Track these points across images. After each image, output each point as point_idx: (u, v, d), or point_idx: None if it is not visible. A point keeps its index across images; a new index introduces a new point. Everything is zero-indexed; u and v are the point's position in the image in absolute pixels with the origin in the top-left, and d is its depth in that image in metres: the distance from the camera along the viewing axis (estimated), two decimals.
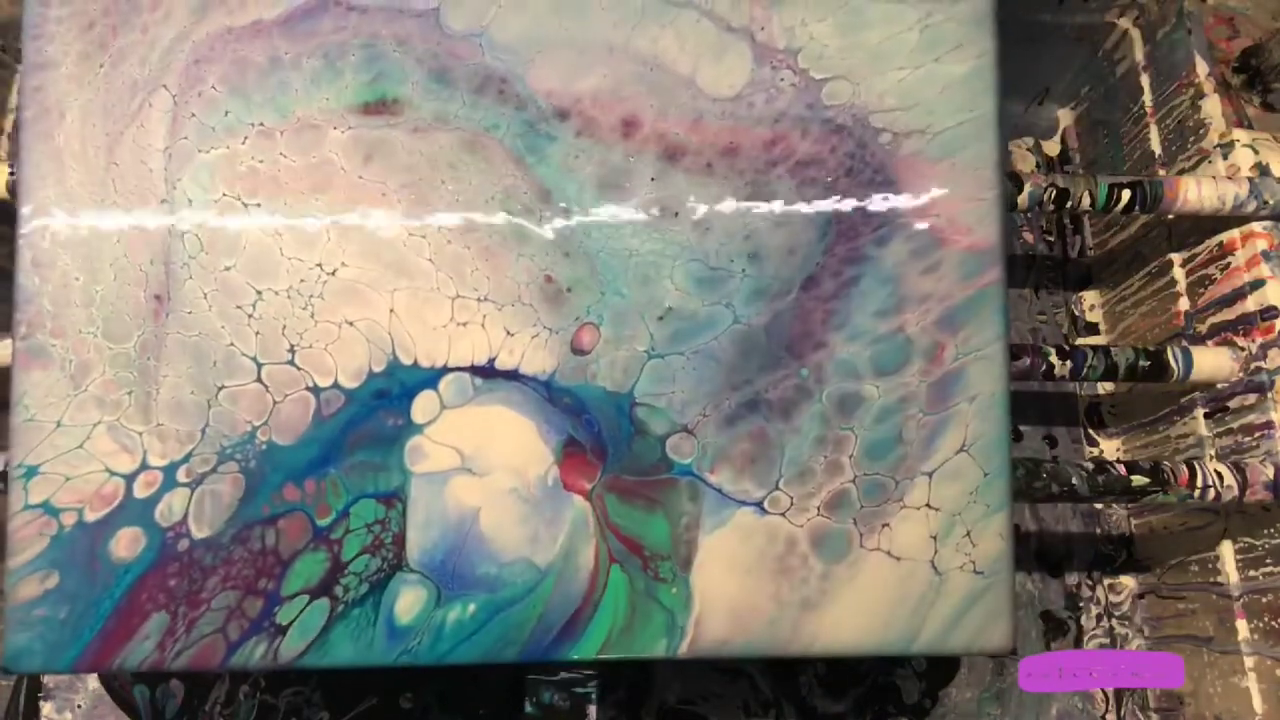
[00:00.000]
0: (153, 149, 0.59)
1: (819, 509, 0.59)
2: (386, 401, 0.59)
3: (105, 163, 0.59)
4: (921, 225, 0.59)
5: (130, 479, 0.58)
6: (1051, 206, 0.72)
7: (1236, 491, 0.63)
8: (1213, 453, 0.77)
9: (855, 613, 0.58)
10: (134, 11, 0.60)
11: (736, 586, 0.58)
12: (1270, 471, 0.65)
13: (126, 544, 0.57)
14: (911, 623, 0.58)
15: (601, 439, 0.59)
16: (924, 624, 0.58)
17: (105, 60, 0.60)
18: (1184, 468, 0.64)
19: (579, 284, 0.60)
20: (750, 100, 0.61)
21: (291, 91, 0.60)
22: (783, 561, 0.58)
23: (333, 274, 0.59)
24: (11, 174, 0.68)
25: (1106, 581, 0.92)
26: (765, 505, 0.59)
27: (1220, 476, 0.63)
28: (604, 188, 0.60)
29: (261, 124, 0.60)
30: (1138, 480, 0.62)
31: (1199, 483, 0.63)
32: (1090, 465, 0.64)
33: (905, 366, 0.59)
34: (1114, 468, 0.64)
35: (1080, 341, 0.98)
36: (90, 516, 0.57)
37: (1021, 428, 0.95)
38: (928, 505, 0.58)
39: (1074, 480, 0.64)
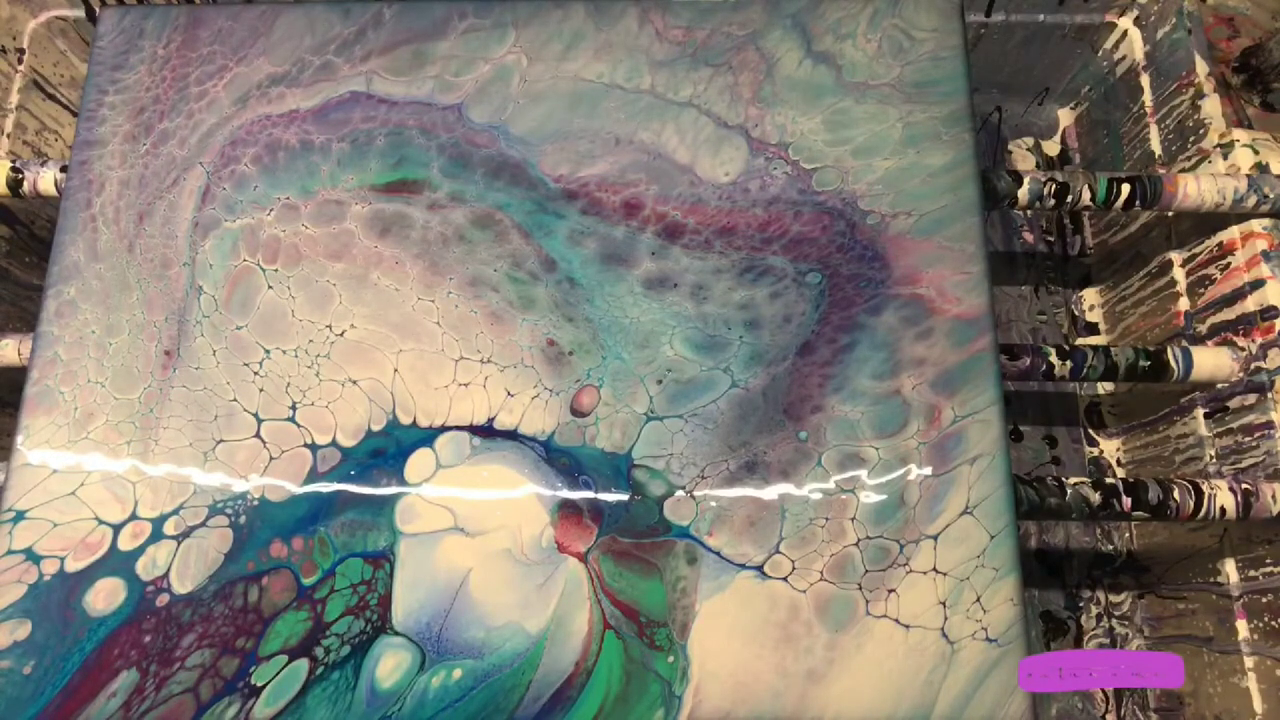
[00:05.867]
0: (181, 218, 0.63)
1: (822, 573, 0.57)
2: (382, 460, 0.59)
3: (135, 229, 0.63)
4: (911, 296, 0.61)
5: (117, 529, 0.57)
6: (1052, 201, 0.72)
7: (1242, 514, 0.61)
8: (1213, 453, 0.75)
9: (865, 684, 0.55)
10: (182, 100, 0.65)
11: (737, 655, 0.55)
12: (1276, 490, 0.63)
13: (104, 596, 0.56)
14: (925, 695, 0.54)
15: (598, 500, 0.58)
16: (938, 696, 0.54)
17: (149, 141, 0.65)
18: (1190, 498, 0.62)
19: (580, 348, 0.61)
20: (745, 186, 0.65)
21: (319, 171, 0.64)
22: (785, 629, 0.56)
23: (341, 335, 0.61)
24: (13, 171, 0.71)
25: (1106, 581, 0.88)
26: (766, 569, 0.57)
27: (1224, 511, 0.61)
28: (606, 259, 0.63)
29: (287, 198, 0.64)
30: (1139, 515, 0.60)
31: (1204, 513, 0.61)
32: (1096, 499, 0.62)
33: (904, 428, 0.59)
34: (1118, 502, 0.62)
35: (1080, 341, 0.96)
36: (72, 566, 0.56)
37: (1021, 428, 0.92)
38: (934, 570, 0.56)
39: (1074, 514, 0.63)
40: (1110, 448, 0.93)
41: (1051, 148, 1.04)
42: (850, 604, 0.56)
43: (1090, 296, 0.98)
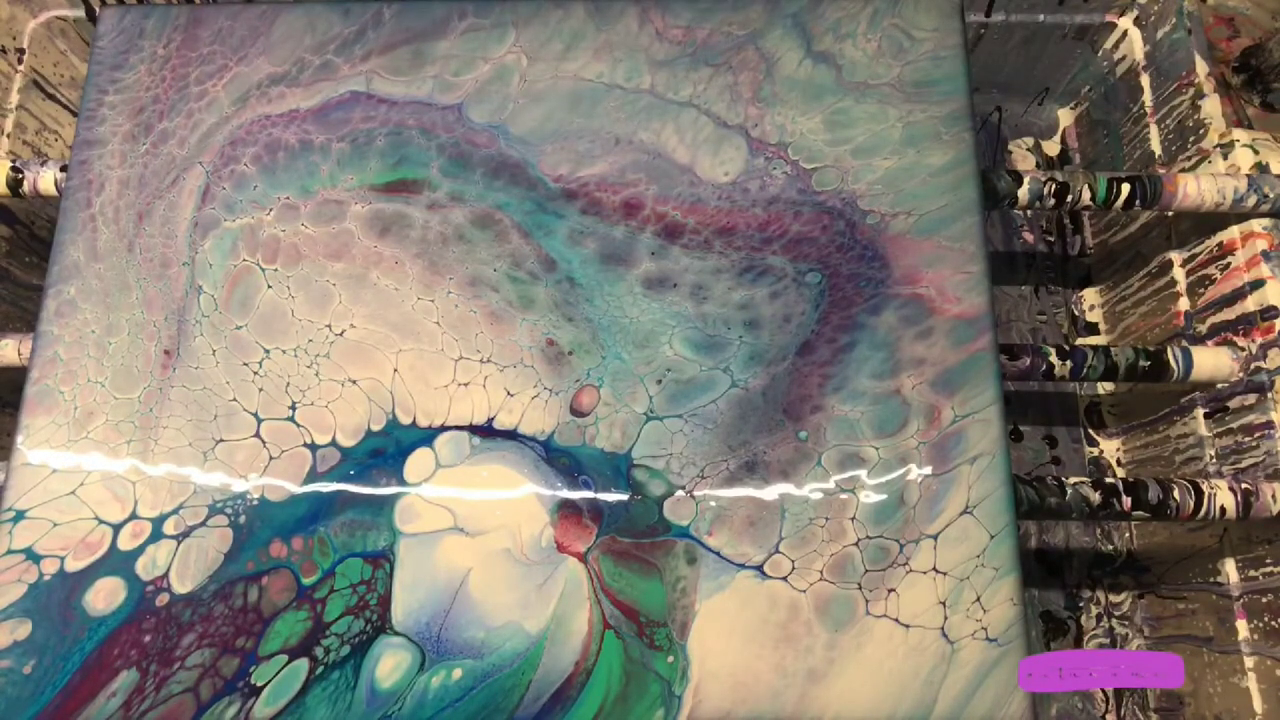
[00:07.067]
0: (181, 218, 0.63)
1: (822, 573, 0.57)
2: (381, 460, 0.59)
3: (135, 228, 0.63)
4: (911, 296, 0.61)
5: (117, 529, 0.57)
6: (1052, 201, 0.72)
7: (1242, 514, 0.61)
8: (1213, 453, 0.75)
9: (865, 684, 0.55)
10: (182, 99, 0.65)
11: (737, 655, 0.55)
12: (1276, 490, 0.63)
13: (104, 596, 0.56)
14: (925, 694, 0.54)
15: (598, 500, 0.58)
16: (939, 695, 0.54)
17: (149, 141, 0.65)
18: (1190, 498, 0.62)
19: (580, 347, 0.61)
20: (745, 186, 0.65)
21: (319, 171, 0.64)
22: (785, 629, 0.56)
23: (341, 335, 0.61)
24: (13, 171, 0.71)
25: (1106, 581, 0.89)
26: (765, 569, 0.57)
27: (1224, 511, 0.61)
28: (606, 259, 0.63)
29: (287, 198, 0.64)
30: (1139, 515, 0.60)
31: (1203, 513, 0.61)
32: (1096, 499, 0.62)
33: (904, 428, 0.59)
34: (1118, 501, 0.62)
35: (1080, 341, 0.96)
36: (72, 565, 0.56)
37: (1021, 428, 0.92)
38: (934, 569, 0.56)
39: (1074, 514, 0.64)
40: (1110, 448, 0.93)
41: (1051, 148, 1.04)
42: (850, 604, 0.56)
43: (1090, 296, 0.98)
